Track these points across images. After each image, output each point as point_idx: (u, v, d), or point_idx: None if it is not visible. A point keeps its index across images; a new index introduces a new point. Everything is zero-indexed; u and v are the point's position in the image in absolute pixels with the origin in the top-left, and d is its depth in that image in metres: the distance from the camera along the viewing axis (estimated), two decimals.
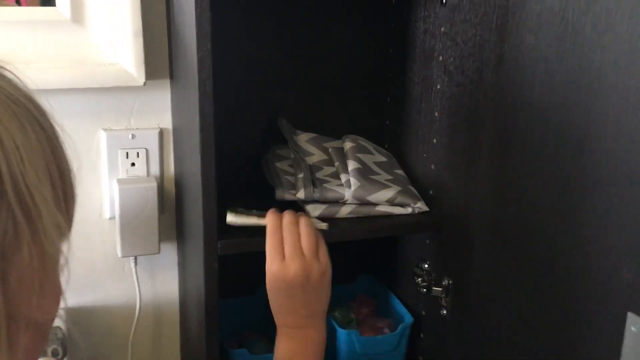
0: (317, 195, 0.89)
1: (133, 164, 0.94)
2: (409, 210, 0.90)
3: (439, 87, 0.87)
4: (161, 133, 0.95)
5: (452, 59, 0.83)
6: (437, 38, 0.87)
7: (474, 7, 0.77)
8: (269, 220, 0.75)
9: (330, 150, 0.98)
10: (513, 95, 0.71)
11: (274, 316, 0.74)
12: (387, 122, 1.04)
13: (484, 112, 0.77)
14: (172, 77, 0.93)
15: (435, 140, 0.89)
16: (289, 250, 0.72)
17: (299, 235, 0.73)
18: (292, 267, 0.70)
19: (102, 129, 0.92)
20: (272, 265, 0.72)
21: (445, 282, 0.87)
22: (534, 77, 0.67)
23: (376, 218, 0.89)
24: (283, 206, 0.89)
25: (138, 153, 0.94)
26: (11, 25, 0.82)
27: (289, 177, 0.91)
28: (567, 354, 0.66)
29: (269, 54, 0.98)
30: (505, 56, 0.72)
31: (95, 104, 0.90)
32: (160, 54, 0.91)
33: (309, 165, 0.94)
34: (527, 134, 0.70)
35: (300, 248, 0.72)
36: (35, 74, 0.82)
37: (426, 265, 0.93)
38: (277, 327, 0.74)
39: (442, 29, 0.85)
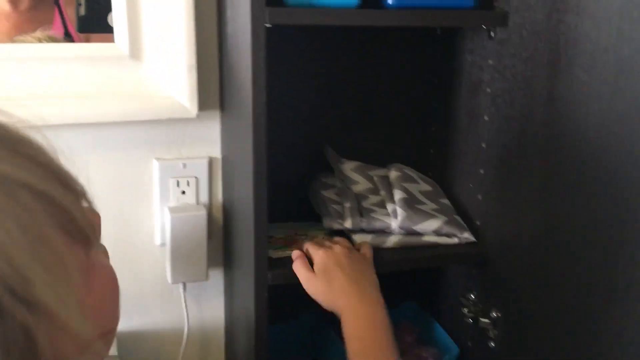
0: (364, 224, 0.90)
1: (183, 192, 0.97)
2: (455, 240, 0.90)
3: (486, 118, 0.88)
4: (210, 162, 0.98)
5: (500, 92, 0.84)
6: (484, 70, 0.88)
7: (524, 42, 0.78)
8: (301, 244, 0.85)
9: (375, 178, 0.99)
10: (566, 132, 0.71)
11: (334, 306, 0.77)
12: (432, 151, 1.05)
13: (534, 146, 0.77)
14: (222, 108, 0.95)
15: (482, 171, 0.90)
16: (328, 243, 0.83)
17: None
18: (336, 247, 0.81)
19: (155, 158, 0.95)
20: (317, 254, 0.80)
21: (493, 314, 0.87)
22: (587, 115, 0.68)
23: (423, 248, 0.89)
24: (330, 235, 0.90)
25: (188, 182, 0.97)
26: (73, 61, 0.86)
27: (335, 206, 0.93)
28: None
29: (316, 82, 1.00)
30: (557, 92, 0.72)
31: (149, 134, 0.93)
32: (211, 86, 0.94)
33: (355, 194, 0.95)
34: (580, 170, 0.70)
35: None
36: (93, 107, 0.86)
37: (473, 296, 0.92)
38: (341, 316, 0.76)
39: (490, 61, 0.86)
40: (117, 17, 0.85)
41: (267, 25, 0.71)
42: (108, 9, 0.86)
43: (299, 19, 0.75)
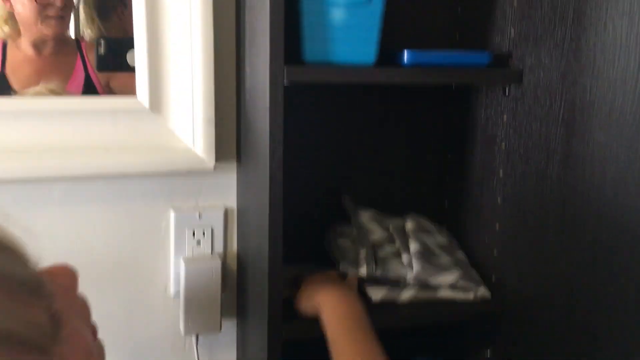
0: (378, 272, 0.89)
1: (199, 242, 0.97)
2: (470, 295, 0.89)
3: (501, 173, 0.88)
4: (226, 212, 0.98)
5: (515, 148, 0.84)
6: (499, 126, 0.89)
7: (539, 100, 0.79)
8: None
9: (391, 228, 0.99)
10: (582, 191, 0.71)
11: (315, 306, 0.80)
12: (446, 203, 1.05)
13: (551, 204, 0.77)
14: (239, 159, 0.96)
15: (498, 226, 0.89)
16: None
17: None
18: (324, 274, 0.89)
19: (172, 208, 0.95)
20: (306, 279, 0.87)
21: None
22: (604, 175, 0.68)
23: (438, 304, 0.88)
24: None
25: (204, 231, 0.97)
26: (96, 114, 0.88)
27: (351, 254, 0.93)
28: None
29: (334, 132, 1.00)
30: (573, 151, 0.73)
31: (167, 185, 0.94)
32: (228, 138, 0.96)
33: (371, 243, 0.95)
34: (596, 229, 0.69)
35: None
36: (114, 159, 0.88)
37: (488, 352, 0.91)
38: (320, 312, 0.79)
39: (505, 117, 0.87)
40: (139, 72, 0.87)
41: (285, 83, 0.73)
42: (127, 47, 0.88)
43: (316, 77, 0.76)
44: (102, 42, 0.90)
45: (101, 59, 0.91)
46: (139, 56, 0.87)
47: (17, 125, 0.85)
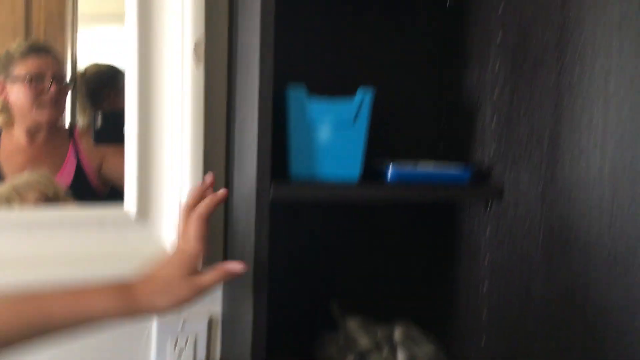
0: None
1: (181, 352, 0.95)
2: None
3: (485, 289, 0.88)
4: (210, 320, 0.97)
5: (499, 262, 0.85)
6: (482, 239, 0.90)
7: (518, 219, 0.80)
8: None
9: (379, 335, 0.98)
10: (565, 312, 0.71)
11: None
12: (433, 312, 1.04)
13: (535, 323, 0.77)
14: None
15: (484, 340, 0.88)
16: None
17: None
18: None
19: (155, 317, 0.94)
20: None
21: None
22: (585, 300, 0.68)
23: None
24: None
25: (187, 339, 0.96)
26: (82, 224, 0.88)
27: None
28: None
29: (322, 243, 1.01)
30: (554, 273, 0.73)
31: None
32: (215, 246, 0.96)
33: (358, 351, 0.94)
34: (585, 351, 0.69)
35: None
36: (99, 268, 0.87)
37: None
38: None
39: (488, 231, 0.88)
40: (128, 181, 0.89)
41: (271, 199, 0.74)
42: (124, 119, 0.89)
43: (302, 194, 0.78)
44: (99, 115, 0.91)
45: (98, 132, 0.92)
46: (129, 165, 0.89)
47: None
